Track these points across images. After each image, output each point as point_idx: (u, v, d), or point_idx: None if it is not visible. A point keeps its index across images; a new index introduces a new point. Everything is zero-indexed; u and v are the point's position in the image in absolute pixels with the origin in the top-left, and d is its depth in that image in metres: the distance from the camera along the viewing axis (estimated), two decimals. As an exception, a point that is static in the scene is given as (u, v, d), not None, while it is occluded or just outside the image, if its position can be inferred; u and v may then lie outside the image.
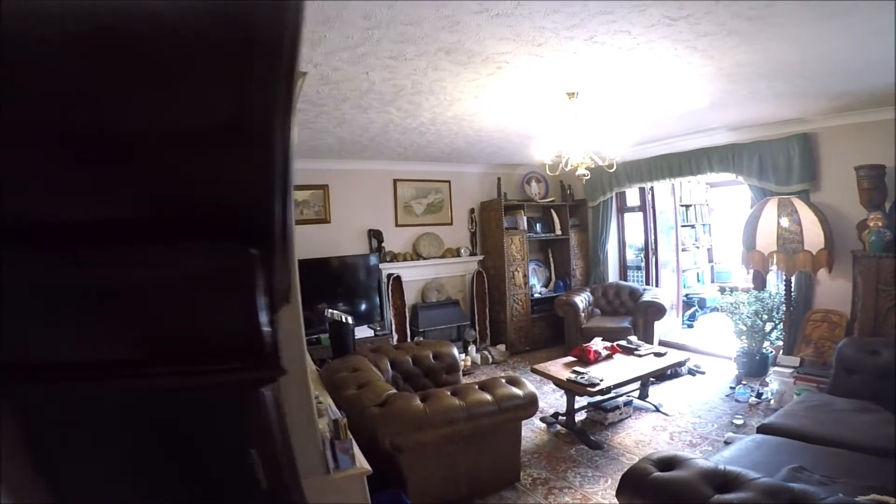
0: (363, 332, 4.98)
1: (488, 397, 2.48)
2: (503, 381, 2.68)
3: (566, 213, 6.53)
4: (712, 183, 7.68)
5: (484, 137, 4.70)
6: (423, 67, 2.78)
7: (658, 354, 4.09)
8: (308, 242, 5.26)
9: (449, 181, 6.21)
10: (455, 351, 3.63)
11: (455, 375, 3.56)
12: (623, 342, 4.33)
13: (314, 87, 3.03)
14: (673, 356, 4.07)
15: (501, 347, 5.85)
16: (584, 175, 3.56)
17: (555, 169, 3.63)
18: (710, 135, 5.07)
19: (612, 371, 3.65)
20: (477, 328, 5.98)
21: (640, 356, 4.06)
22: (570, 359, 3.99)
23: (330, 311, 3.63)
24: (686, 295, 7.03)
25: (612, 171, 3.74)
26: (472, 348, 5.62)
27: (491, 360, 5.61)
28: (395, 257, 5.69)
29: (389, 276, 5.48)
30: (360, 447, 2.50)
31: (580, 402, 3.72)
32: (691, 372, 4.86)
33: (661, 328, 5.89)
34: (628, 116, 4.12)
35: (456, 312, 5.87)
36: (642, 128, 4.70)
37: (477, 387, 2.61)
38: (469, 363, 5.33)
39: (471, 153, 5.49)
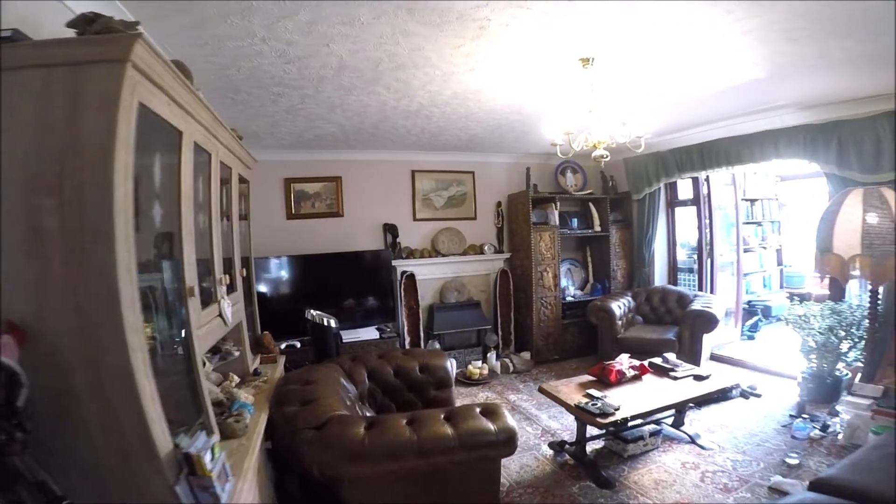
0: (369, 333, 4.65)
1: (449, 431, 2.03)
2: (477, 410, 2.21)
3: (606, 207, 5.86)
4: (784, 175, 6.66)
5: (501, 121, 4.20)
6: (391, 34, 2.37)
7: (699, 377, 3.42)
8: (319, 237, 5.04)
9: (473, 172, 5.74)
10: (448, 364, 3.19)
11: (446, 391, 3.13)
12: (658, 360, 3.69)
13: (277, 67, 2.72)
14: (716, 381, 3.37)
15: (526, 355, 5.32)
16: (603, 156, 2.99)
17: (567, 151, 3.09)
18: (775, 114, 4.24)
19: (635, 397, 3.06)
20: (500, 333, 5.49)
21: (675, 379, 3.41)
22: (588, 378, 3.43)
23: (311, 312, 3.33)
24: (748, 302, 6.11)
25: (639, 150, 3.13)
26: (491, 355, 5.15)
27: (512, 368, 5.11)
28: (411, 253, 5.32)
29: (403, 273, 5.12)
30: (298, 473, 2.16)
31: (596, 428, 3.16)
32: (744, 394, 4.11)
33: (715, 339, 5.13)
34: (663, 89, 3.47)
35: (477, 315, 5.41)
36: (687, 105, 3.99)
37: (442, 416, 2.16)
38: (486, 372, 4.86)
39: (493, 141, 4.99)
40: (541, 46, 2.60)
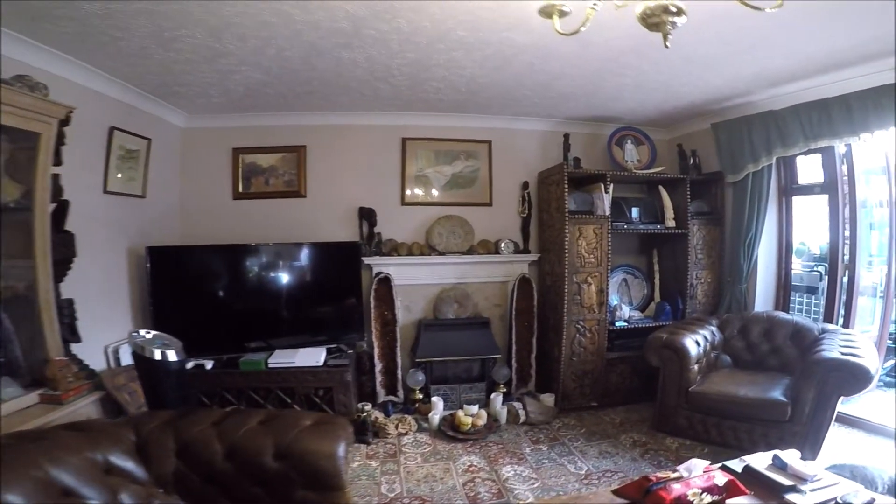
0: (310, 357, 3.27)
1: None
2: None
3: (685, 193, 4.06)
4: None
5: (502, 50, 2.68)
6: None
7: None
8: (272, 223, 3.88)
9: (489, 142, 4.22)
10: (340, 450, 1.78)
11: (327, 496, 1.75)
12: (760, 460, 1.98)
13: None
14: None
15: (548, 399, 3.75)
16: (671, 22, 1.40)
17: (571, 24, 1.56)
18: None
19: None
20: (514, 365, 3.95)
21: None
22: (619, 502, 1.86)
23: (137, 334, 2.11)
24: (893, 335, 4.03)
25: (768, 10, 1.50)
26: (497, 396, 3.64)
27: (523, 417, 3.55)
28: (396, 249, 3.96)
29: (377, 275, 3.78)
30: None
31: None
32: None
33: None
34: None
35: (483, 338, 3.91)
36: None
37: None
38: (481, 421, 3.37)
39: (507, 93, 3.45)
40: None
